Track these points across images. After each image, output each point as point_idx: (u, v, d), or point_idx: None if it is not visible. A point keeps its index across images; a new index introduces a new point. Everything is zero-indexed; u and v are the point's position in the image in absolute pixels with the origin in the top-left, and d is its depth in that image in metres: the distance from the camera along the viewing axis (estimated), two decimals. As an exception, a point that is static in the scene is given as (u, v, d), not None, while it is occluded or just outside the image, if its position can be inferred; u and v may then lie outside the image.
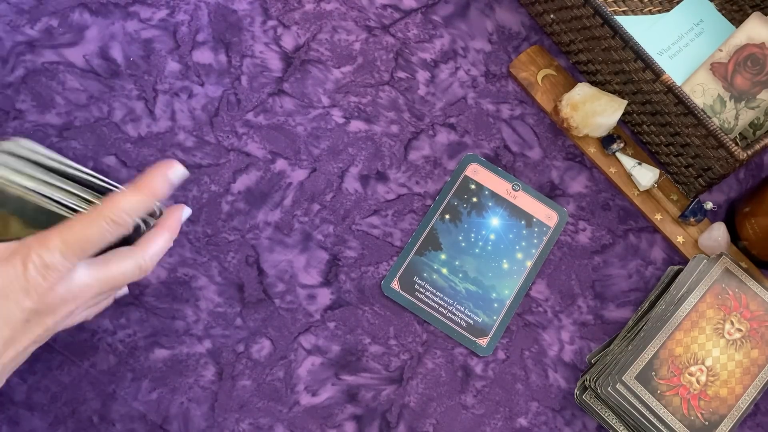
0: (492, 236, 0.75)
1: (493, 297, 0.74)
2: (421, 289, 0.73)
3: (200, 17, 0.79)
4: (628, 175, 0.78)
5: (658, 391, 0.69)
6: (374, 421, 0.70)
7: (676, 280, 0.73)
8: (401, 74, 0.79)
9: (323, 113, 0.77)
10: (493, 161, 0.78)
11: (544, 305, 0.74)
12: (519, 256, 0.75)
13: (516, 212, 0.76)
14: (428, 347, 0.72)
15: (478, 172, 0.77)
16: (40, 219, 0.55)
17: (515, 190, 0.77)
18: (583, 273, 0.75)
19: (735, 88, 0.77)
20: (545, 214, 0.76)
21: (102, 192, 0.57)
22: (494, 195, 0.77)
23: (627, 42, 0.72)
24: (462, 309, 0.73)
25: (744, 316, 0.72)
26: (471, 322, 0.73)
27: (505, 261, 0.75)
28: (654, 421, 0.69)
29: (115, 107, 0.75)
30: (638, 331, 0.71)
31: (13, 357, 0.52)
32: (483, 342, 0.72)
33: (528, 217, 0.76)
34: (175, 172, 0.57)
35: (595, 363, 0.71)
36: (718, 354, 0.71)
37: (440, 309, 0.72)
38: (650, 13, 0.84)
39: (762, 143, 0.70)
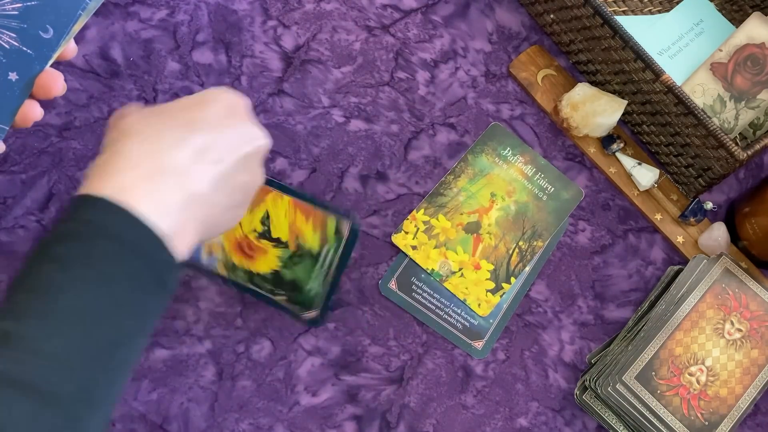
0: (492, 236, 0.75)
1: (492, 297, 0.74)
2: (418, 290, 0.73)
3: (200, 17, 0.79)
4: (628, 175, 0.77)
5: (658, 391, 0.69)
6: (374, 421, 0.70)
7: (676, 280, 0.73)
8: (401, 74, 0.79)
9: (323, 113, 0.77)
10: (493, 161, 0.78)
11: (544, 305, 0.74)
12: (519, 256, 0.75)
13: (516, 212, 0.76)
14: (428, 348, 0.72)
15: (478, 172, 0.77)
16: None
17: (515, 190, 0.77)
18: (583, 273, 0.75)
19: (735, 88, 0.77)
20: (545, 214, 0.76)
21: None
22: (494, 195, 0.76)
23: (627, 42, 0.72)
24: (458, 311, 0.73)
25: (744, 316, 0.72)
26: (467, 324, 0.72)
27: (504, 261, 0.75)
28: (654, 421, 0.69)
29: (115, 107, 0.75)
30: (638, 331, 0.71)
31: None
32: (478, 345, 0.72)
33: (528, 217, 0.76)
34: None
35: (595, 363, 0.71)
36: (718, 354, 0.71)
37: (437, 311, 0.72)
38: (650, 13, 0.84)
39: (762, 143, 0.70)
